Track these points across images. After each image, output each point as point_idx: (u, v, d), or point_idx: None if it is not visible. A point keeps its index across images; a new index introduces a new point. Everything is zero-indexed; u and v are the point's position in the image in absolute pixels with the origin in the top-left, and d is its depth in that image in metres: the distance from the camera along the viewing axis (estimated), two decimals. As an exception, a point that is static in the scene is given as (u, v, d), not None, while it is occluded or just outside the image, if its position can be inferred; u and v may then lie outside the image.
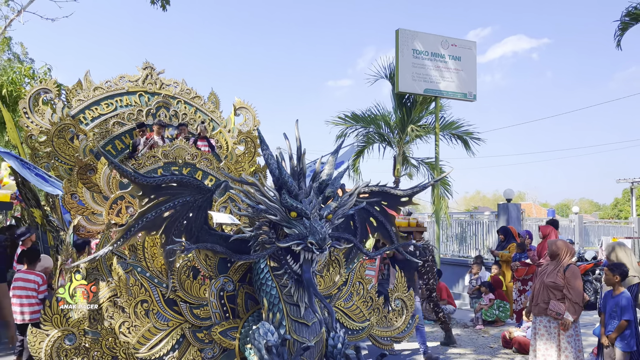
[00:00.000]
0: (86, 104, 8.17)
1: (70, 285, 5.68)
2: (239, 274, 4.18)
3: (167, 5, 11.47)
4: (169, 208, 3.61)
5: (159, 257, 3.95)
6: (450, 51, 12.13)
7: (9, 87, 10.03)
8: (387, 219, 4.75)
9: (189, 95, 9.06)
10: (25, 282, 5.76)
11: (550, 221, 9.20)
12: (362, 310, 4.95)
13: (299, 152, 3.88)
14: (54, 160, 7.21)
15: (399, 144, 14.03)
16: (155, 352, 3.84)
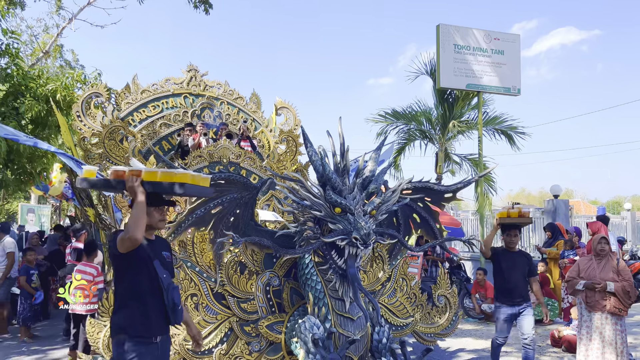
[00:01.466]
0: (134, 107, 8.47)
1: (70, 285, 5.94)
2: (284, 269, 4.26)
3: (209, 8, 11.72)
4: (217, 205, 3.72)
5: (208, 253, 4.07)
6: (493, 45, 11.89)
7: (62, 92, 10.46)
8: (431, 215, 4.73)
9: (232, 96, 9.26)
10: (82, 273, 6.09)
11: (600, 218, 8.91)
12: (405, 307, 4.96)
13: (342, 149, 3.93)
14: (105, 161, 7.50)
15: (441, 141, 13.86)
16: (204, 344, 3.96)
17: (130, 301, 2.91)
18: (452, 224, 10.66)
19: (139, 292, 2.90)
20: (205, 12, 11.74)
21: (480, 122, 12.16)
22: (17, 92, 10.33)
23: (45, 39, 20.29)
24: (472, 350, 7.03)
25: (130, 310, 2.90)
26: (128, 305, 2.91)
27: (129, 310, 2.90)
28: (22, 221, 18.23)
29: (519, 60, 12.30)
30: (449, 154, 14.33)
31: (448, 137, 13.80)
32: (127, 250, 2.79)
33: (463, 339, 7.60)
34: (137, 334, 2.87)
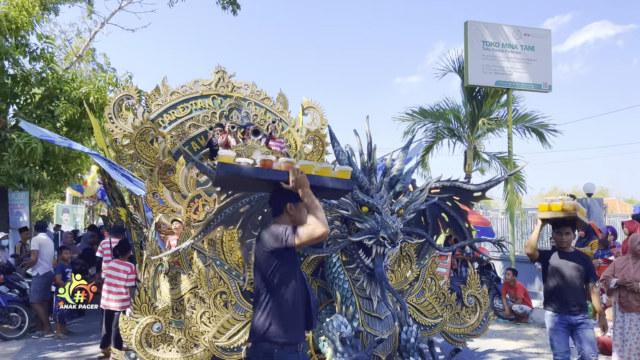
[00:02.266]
0: (164, 108, 8.61)
1: (70, 285, 6.06)
2: (311, 268, 4.28)
3: (237, 9, 11.86)
4: (245, 203, 3.76)
5: (237, 251, 4.12)
6: (523, 41, 11.67)
7: (95, 95, 10.73)
8: (460, 215, 4.68)
9: (259, 97, 9.33)
10: (115, 271, 6.25)
11: (637, 217, 8.66)
12: (434, 307, 4.92)
13: (369, 148, 3.93)
14: (136, 162, 7.65)
15: (470, 139, 13.69)
16: (233, 341, 4.02)
17: (283, 304, 2.73)
18: (482, 223, 10.52)
19: (291, 294, 2.74)
20: (233, 12, 11.90)
21: (510, 120, 11.95)
22: (52, 96, 10.66)
23: (78, 43, 20.83)
24: (502, 351, 6.92)
25: (282, 314, 2.72)
26: (281, 308, 2.72)
27: (281, 313, 2.72)
28: (58, 221, 18.77)
29: (550, 56, 12.05)
30: (478, 153, 14.13)
31: (477, 135, 13.62)
32: (304, 245, 2.70)
33: (493, 340, 7.49)
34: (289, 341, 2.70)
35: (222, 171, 2.81)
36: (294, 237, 2.66)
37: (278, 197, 2.90)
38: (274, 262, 2.72)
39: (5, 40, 10.06)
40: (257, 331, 2.72)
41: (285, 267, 2.74)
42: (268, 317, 2.70)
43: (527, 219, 13.79)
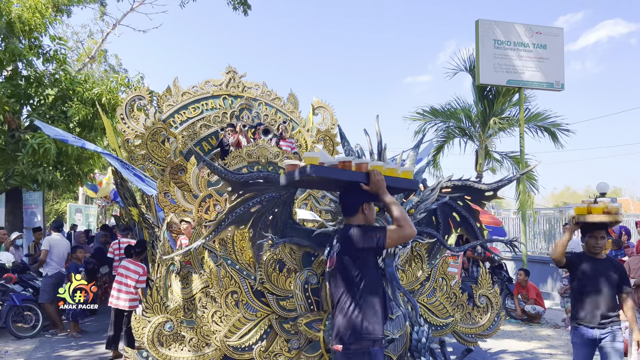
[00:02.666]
0: (175, 109, 8.67)
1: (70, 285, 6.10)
2: (322, 268, 4.28)
3: (248, 10, 11.91)
4: (256, 203, 3.77)
5: (248, 250, 4.13)
6: (535, 39, 11.59)
7: (107, 96, 10.83)
8: (471, 214, 4.64)
9: (270, 97, 9.36)
10: (127, 270, 6.31)
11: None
12: (445, 307, 4.90)
13: (379, 147, 3.91)
14: (148, 162, 7.71)
15: (481, 138, 13.61)
16: (245, 341, 4.03)
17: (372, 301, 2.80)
18: (494, 223, 10.45)
19: (376, 290, 2.83)
20: (244, 13, 11.96)
21: (522, 119, 11.87)
22: (65, 97, 10.77)
23: (90, 45, 21.03)
24: (514, 352, 6.88)
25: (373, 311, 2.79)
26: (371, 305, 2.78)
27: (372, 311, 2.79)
28: (71, 220, 18.98)
29: (563, 55, 11.95)
30: (490, 152, 14.05)
31: (488, 134, 13.54)
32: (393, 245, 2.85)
33: (505, 341, 7.45)
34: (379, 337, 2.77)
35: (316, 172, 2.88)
36: (386, 238, 2.76)
37: (353, 198, 2.99)
38: (362, 261, 2.81)
39: (19, 42, 10.17)
40: (354, 330, 2.76)
41: (371, 265, 2.85)
42: (360, 315, 2.76)
43: (539, 219, 13.69)
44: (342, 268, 2.86)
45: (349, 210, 3.03)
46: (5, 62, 9.97)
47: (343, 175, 2.97)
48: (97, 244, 11.12)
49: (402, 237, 2.79)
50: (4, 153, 10.24)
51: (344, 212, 3.08)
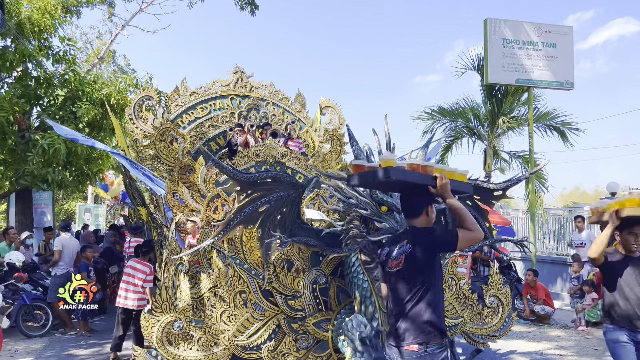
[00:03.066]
0: (183, 109, 8.70)
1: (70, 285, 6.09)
2: (330, 268, 4.27)
3: (255, 10, 11.93)
4: (265, 203, 3.77)
5: (256, 250, 4.14)
6: (544, 38, 11.51)
7: (116, 96, 10.88)
8: (480, 214, 4.61)
9: (277, 97, 9.37)
10: (134, 270, 6.32)
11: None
12: (454, 307, 4.87)
13: (388, 147, 3.90)
14: (156, 162, 7.73)
15: (490, 138, 13.54)
16: (253, 340, 4.03)
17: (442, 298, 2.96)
18: (503, 222, 10.39)
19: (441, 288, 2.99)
20: (252, 13, 11.98)
21: (531, 118, 11.80)
22: (75, 97, 10.83)
23: (98, 45, 21.15)
24: (524, 352, 6.84)
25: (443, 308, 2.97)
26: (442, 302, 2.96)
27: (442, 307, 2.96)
28: (80, 220, 19.09)
29: (572, 53, 11.86)
30: (498, 152, 13.97)
31: (497, 133, 13.46)
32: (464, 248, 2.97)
33: (514, 341, 7.40)
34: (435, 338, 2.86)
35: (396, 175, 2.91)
36: (458, 242, 2.87)
37: (419, 200, 3.04)
38: (433, 262, 2.93)
39: (29, 43, 10.25)
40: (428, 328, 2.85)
41: (438, 265, 2.99)
42: (433, 313, 2.87)
43: (548, 219, 13.59)
44: (413, 268, 2.91)
45: (413, 212, 3.06)
46: (15, 63, 10.05)
47: (417, 178, 3.00)
48: (106, 243, 11.18)
49: (472, 240, 2.90)
50: (15, 153, 10.31)
51: (407, 213, 3.12)
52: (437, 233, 3.00)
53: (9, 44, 10.16)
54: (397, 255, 2.98)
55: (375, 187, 3.57)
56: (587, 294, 8.45)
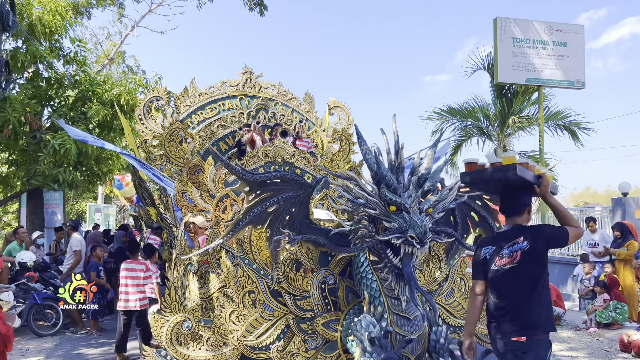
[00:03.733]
0: (192, 109, 8.73)
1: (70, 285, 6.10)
2: (339, 268, 4.26)
3: (264, 10, 11.95)
4: (273, 203, 3.77)
5: (265, 250, 4.14)
6: (555, 37, 11.41)
7: (126, 97, 10.96)
8: (490, 214, 4.60)
9: (286, 97, 9.38)
10: (128, 271, 6.34)
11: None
12: (464, 307, 4.84)
13: (396, 146, 3.88)
14: (165, 162, 7.77)
15: (499, 137, 13.46)
16: (262, 340, 4.03)
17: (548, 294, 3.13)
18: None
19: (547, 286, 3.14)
20: (260, 13, 12.00)
21: (541, 118, 11.72)
22: (85, 98, 10.93)
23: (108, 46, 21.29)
24: (534, 354, 6.77)
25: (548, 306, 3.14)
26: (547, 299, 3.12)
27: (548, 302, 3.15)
28: (90, 220, 19.22)
29: (583, 52, 11.76)
30: (508, 151, 13.88)
31: (507, 133, 13.38)
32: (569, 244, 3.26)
33: (524, 342, 7.33)
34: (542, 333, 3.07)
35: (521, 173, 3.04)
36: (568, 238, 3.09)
37: (523, 199, 3.22)
38: (545, 258, 3.16)
39: (39, 44, 10.34)
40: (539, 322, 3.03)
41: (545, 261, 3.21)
42: (545, 307, 3.09)
43: (559, 219, 13.45)
44: (529, 264, 3.04)
45: (517, 210, 3.21)
46: (26, 64, 10.16)
47: (531, 176, 3.13)
48: (117, 243, 11.24)
49: (578, 236, 3.17)
50: (26, 154, 10.42)
51: (510, 211, 3.26)
52: (549, 230, 3.20)
53: (20, 45, 10.27)
54: (509, 253, 3.09)
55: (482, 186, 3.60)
56: (599, 295, 8.37)
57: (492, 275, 3.17)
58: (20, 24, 9.76)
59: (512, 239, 3.10)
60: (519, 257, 3.03)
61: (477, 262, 3.30)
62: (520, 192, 3.21)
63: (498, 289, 3.15)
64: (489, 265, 3.18)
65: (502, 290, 3.13)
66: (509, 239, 3.12)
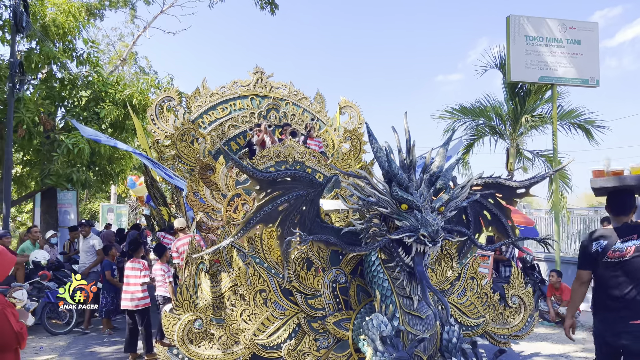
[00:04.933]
0: (204, 109, 8.75)
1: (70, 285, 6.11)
2: (350, 267, 4.25)
3: (275, 9, 11.96)
4: (284, 202, 3.76)
5: (276, 249, 4.13)
6: (569, 35, 11.27)
7: (138, 97, 11.03)
8: (502, 212, 4.55)
9: (297, 96, 9.37)
10: (128, 270, 6.39)
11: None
12: (476, 307, 4.81)
13: (408, 145, 3.86)
14: (177, 162, 7.80)
15: (512, 136, 13.33)
16: (273, 339, 4.03)
17: None
18: (526, 222, 10.22)
19: None
20: (272, 12, 12.01)
21: (555, 116, 11.57)
22: (98, 98, 11.02)
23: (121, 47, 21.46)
24: (548, 355, 6.71)
25: None
26: None
27: None
28: (103, 220, 19.38)
29: (598, 50, 11.59)
30: (521, 150, 13.75)
31: (519, 132, 13.25)
32: None
33: (538, 343, 7.27)
34: None
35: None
36: None
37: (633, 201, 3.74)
38: None
39: (53, 45, 10.44)
40: None
41: None
42: None
43: (572, 219, 13.32)
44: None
45: (629, 210, 3.74)
46: (40, 65, 10.25)
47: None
48: (129, 243, 11.33)
49: None
50: (40, 153, 10.53)
51: (621, 211, 3.75)
52: None
53: (34, 46, 10.37)
54: (623, 247, 3.55)
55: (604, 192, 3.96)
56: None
57: (604, 267, 3.61)
58: (34, 25, 9.87)
59: (625, 235, 3.56)
60: (633, 251, 3.49)
61: (587, 253, 3.73)
62: (632, 196, 3.77)
63: (612, 280, 3.56)
64: (601, 258, 3.61)
65: (616, 281, 3.53)
66: (622, 235, 3.57)
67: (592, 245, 3.70)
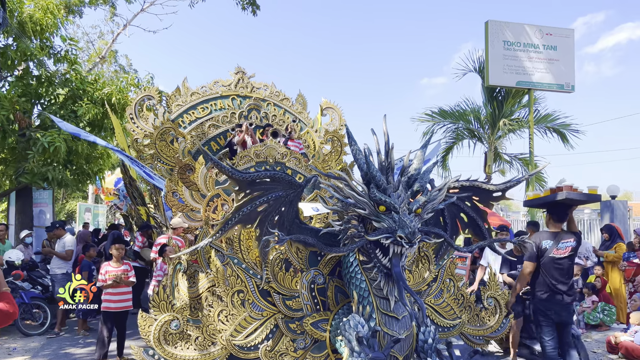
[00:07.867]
0: (184, 109, 8.68)
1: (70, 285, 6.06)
2: (328, 268, 4.27)
3: (257, 10, 11.93)
4: (263, 202, 3.76)
5: (254, 250, 4.13)
6: (545, 40, 11.50)
7: (117, 96, 10.89)
8: (479, 215, 4.62)
9: (278, 97, 9.36)
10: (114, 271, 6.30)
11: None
12: (452, 308, 4.87)
13: (387, 147, 3.89)
14: (156, 162, 7.72)
15: (490, 140, 13.54)
16: (250, 340, 4.02)
17: None
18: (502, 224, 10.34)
19: None
20: (253, 13, 11.98)
21: (532, 120, 11.80)
22: (76, 96, 10.84)
23: (100, 45, 21.17)
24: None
25: None
26: None
27: None
28: (80, 219, 19.08)
29: (573, 56, 11.86)
30: (499, 154, 13.97)
31: (498, 136, 13.46)
32: None
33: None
34: None
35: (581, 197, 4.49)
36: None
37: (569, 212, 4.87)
38: None
39: (30, 42, 10.26)
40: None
41: None
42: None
43: (548, 222, 13.54)
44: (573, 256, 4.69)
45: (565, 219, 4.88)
46: (16, 62, 10.06)
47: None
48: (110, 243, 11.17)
49: None
50: (15, 151, 10.33)
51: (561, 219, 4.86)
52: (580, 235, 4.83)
53: (10, 43, 10.17)
54: (564, 247, 4.68)
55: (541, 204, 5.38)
56: (587, 297, 8.43)
57: (548, 260, 4.68)
58: (10, 21, 9.68)
59: (565, 239, 4.72)
60: (569, 251, 4.67)
61: (538, 250, 4.74)
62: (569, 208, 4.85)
63: (555, 270, 4.67)
64: (548, 254, 4.68)
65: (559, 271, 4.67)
66: (563, 238, 4.72)
67: (542, 243, 4.77)
